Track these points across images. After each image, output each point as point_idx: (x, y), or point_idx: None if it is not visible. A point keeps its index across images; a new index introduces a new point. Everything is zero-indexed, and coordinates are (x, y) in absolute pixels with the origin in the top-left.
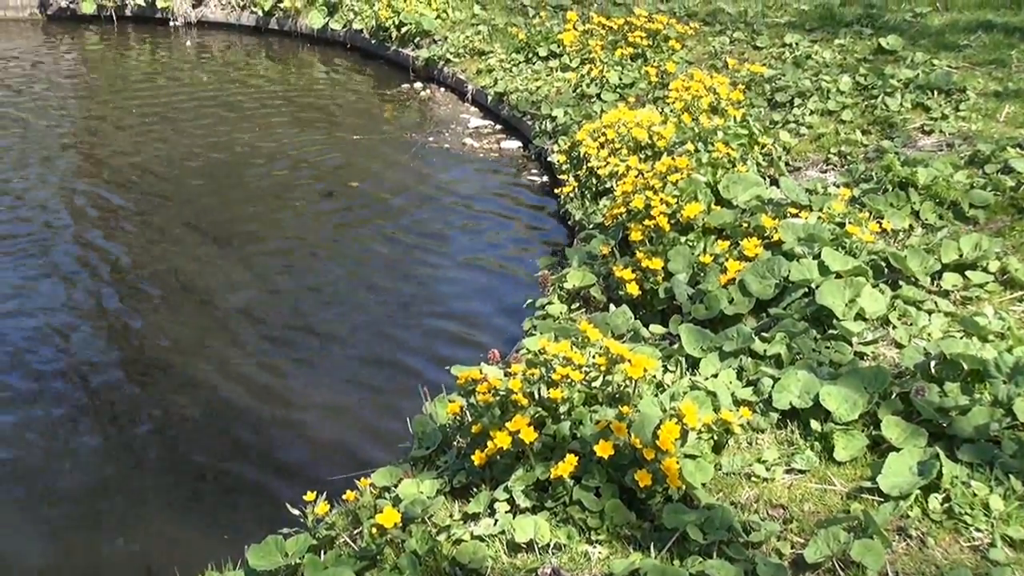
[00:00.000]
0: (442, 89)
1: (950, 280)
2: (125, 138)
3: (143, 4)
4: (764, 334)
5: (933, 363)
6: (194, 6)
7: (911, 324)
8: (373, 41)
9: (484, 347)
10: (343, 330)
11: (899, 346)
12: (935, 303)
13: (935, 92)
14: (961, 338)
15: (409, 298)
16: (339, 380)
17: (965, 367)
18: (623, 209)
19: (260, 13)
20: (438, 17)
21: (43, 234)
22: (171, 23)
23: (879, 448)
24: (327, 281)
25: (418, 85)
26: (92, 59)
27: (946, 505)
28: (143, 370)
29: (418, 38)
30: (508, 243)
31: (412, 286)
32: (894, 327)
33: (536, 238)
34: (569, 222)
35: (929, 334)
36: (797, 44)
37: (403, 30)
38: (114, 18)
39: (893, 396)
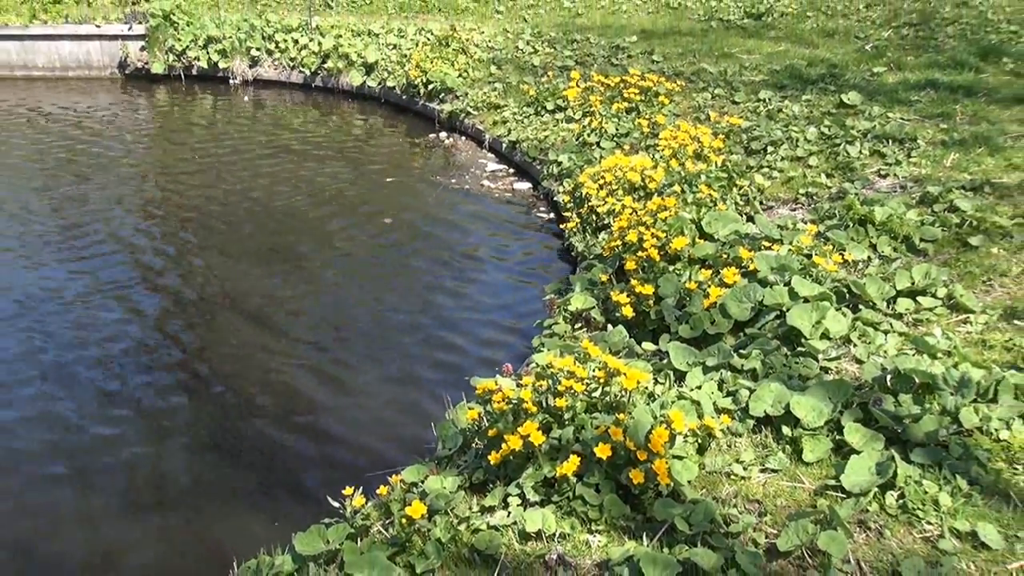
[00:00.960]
0: (463, 138)
1: (903, 305)
2: (188, 177)
3: (206, 65)
4: (742, 351)
5: (889, 377)
6: (250, 66)
7: (869, 343)
8: (404, 96)
9: (499, 361)
10: (377, 343)
11: (859, 362)
12: (890, 324)
13: (890, 141)
14: (913, 355)
15: (433, 316)
16: (373, 388)
17: (917, 381)
18: (619, 242)
19: (307, 72)
20: (460, 76)
21: (119, 256)
22: (231, 81)
23: (842, 451)
24: (363, 299)
25: (443, 134)
26: (162, 111)
27: (901, 501)
28: (208, 376)
29: (443, 94)
30: (519, 270)
31: (435, 306)
32: (855, 345)
33: (544, 266)
34: (572, 253)
35: (885, 351)
36: (770, 99)
37: (430, 87)
38: (181, 77)
39: (854, 405)
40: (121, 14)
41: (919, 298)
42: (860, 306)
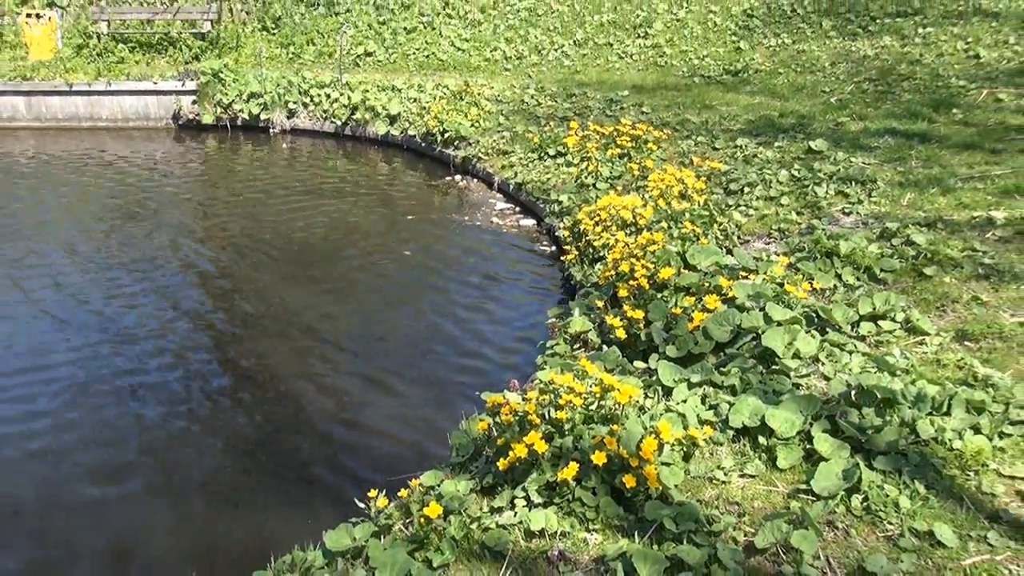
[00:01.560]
0: (475, 180)
1: (866, 328)
2: (233, 213)
3: (249, 117)
4: (722, 369)
5: (853, 392)
6: (288, 117)
7: (836, 362)
8: (423, 144)
9: (506, 376)
10: (401, 359)
11: (827, 379)
12: (855, 345)
13: (853, 182)
14: (875, 373)
15: (448, 336)
16: (397, 401)
17: (878, 396)
18: (613, 272)
19: (338, 122)
20: (472, 125)
21: (173, 280)
22: (271, 130)
23: (812, 458)
24: (389, 318)
25: (457, 177)
26: (211, 157)
27: (865, 504)
28: (254, 388)
29: (457, 141)
30: (525, 297)
31: (449, 328)
32: (823, 364)
33: (546, 294)
34: (572, 282)
35: (850, 369)
36: (746, 146)
37: (446, 135)
38: (228, 127)
39: (823, 417)
40: (175, 72)
41: (880, 322)
42: (827, 329)
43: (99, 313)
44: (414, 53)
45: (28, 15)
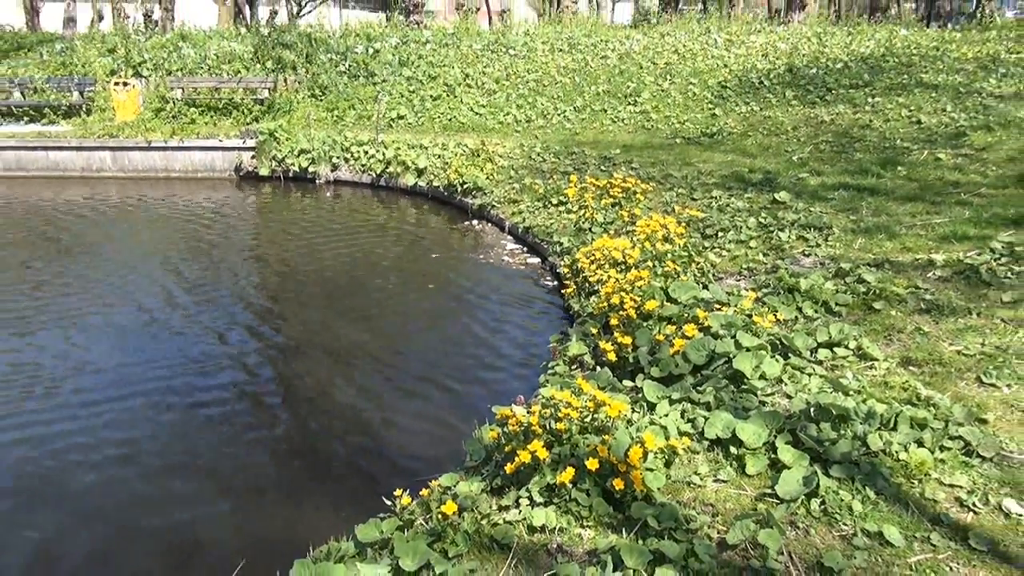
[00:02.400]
0: (489, 224)
1: (823, 353)
2: (282, 250)
3: (299, 169)
4: (699, 388)
5: (812, 409)
6: (332, 170)
7: (797, 383)
8: (446, 193)
9: (514, 391)
10: (423, 375)
11: (789, 397)
12: (813, 369)
13: (812, 229)
14: (831, 393)
15: (464, 356)
16: (419, 411)
17: (834, 413)
18: (606, 304)
19: (374, 174)
20: (487, 178)
21: (228, 303)
22: (317, 181)
23: (776, 466)
24: (413, 341)
25: (474, 222)
26: (265, 202)
27: (823, 507)
28: (296, 397)
29: (474, 191)
30: (530, 324)
31: (466, 348)
32: (786, 384)
33: (549, 322)
34: (571, 311)
35: (809, 389)
36: (720, 197)
37: (465, 186)
38: (281, 178)
39: (786, 431)
40: (238, 131)
41: (835, 349)
42: (789, 354)
43: (159, 330)
44: (439, 117)
45: (116, 83)
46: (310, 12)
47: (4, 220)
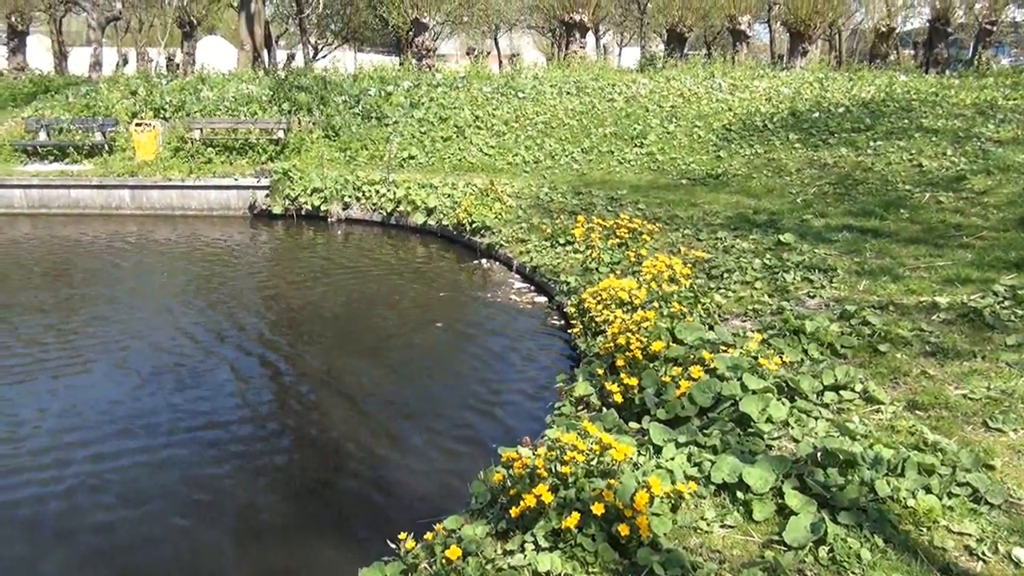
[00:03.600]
0: (497, 263)
1: (829, 396)
2: (293, 287)
3: (311, 207)
4: (705, 431)
5: (819, 454)
6: (343, 209)
7: (803, 426)
8: (455, 232)
9: (520, 431)
10: (431, 413)
11: (796, 441)
12: (819, 412)
13: (816, 270)
14: (838, 437)
15: (471, 394)
16: (425, 449)
17: (841, 458)
18: (612, 344)
19: (384, 213)
20: (496, 218)
21: (238, 338)
22: (329, 219)
23: (784, 512)
24: (421, 378)
25: (482, 260)
26: (279, 240)
27: (831, 555)
28: (301, 437)
29: (483, 230)
30: (537, 363)
31: (472, 387)
32: (792, 428)
33: (555, 361)
34: (577, 351)
35: (816, 433)
36: (725, 238)
37: (473, 225)
38: (294, 216)
39: (793, 476)
40: (253, 171)
41: (841, 392)
42: (796, 397)
43: (166, 360)
44: (449, 157)
45: (137, 124)
46: (326, 56)
47: (27, 256)
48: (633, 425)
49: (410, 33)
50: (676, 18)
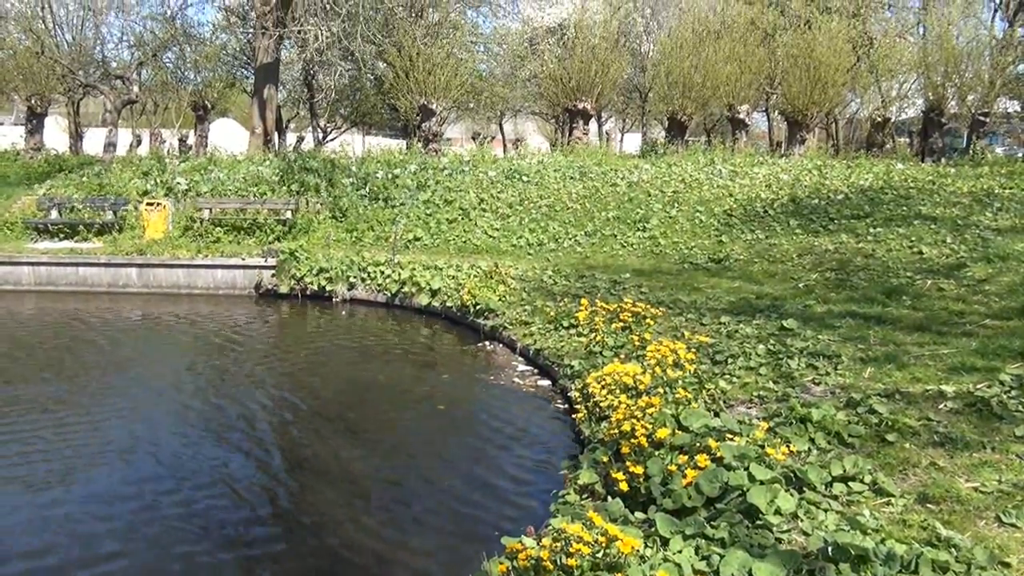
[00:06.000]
0: (500, 345)
1: (838, 488)
2: (295, 367)
3: (317, 288)
4: (713, 522)
5: (830, 548)
6: (348, 289)
7: (813, 519)
8: (458, 314)
9: (524, 518)
10: (432, 499)
11: (806, 534)
12: (829, 504)
13: (820, 357)
14: (849, 531)
15: (474, 481)
16: (424, 538)
17: (853, 553)
18: (617, 430)
19: (389, 294)
20: (500, 300)
21: (238, 417)
22: (334, 299)
23: None
24: (422, 462)
25: (486, 343)
26: (284, 320)
27: None
28: (296, 527)
29: (486, 313)
30: (540, 450)
31: (475, 473)
32: (801, 520)
33: (558, 447)
34: (581, 437)
35: (826, 526)
36: (729, 323)
37: (477, 307)
38: (299, 295)
39: (803, 572)
40: (260, 250)
41: (850, 483)
42: (804, 488)
43: (162, 435)
44: (454, 239)
45: (148, 203)
46: (335, 139)
47: (29, 335)
48: (639, 515)
49: (418, 118)
50: (676, 106)
